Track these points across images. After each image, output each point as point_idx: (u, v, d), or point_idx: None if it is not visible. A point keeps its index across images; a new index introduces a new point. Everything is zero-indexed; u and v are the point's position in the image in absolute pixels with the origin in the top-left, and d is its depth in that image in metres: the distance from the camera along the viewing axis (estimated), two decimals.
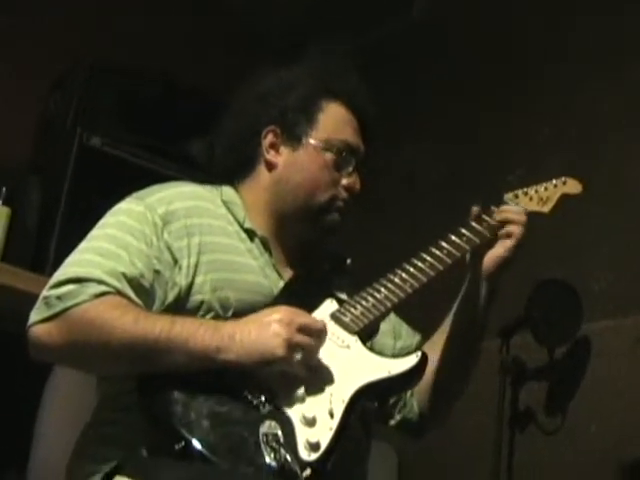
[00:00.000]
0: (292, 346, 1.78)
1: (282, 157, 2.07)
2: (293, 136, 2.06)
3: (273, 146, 2.07)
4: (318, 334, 1.83)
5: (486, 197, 2.09)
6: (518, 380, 2.86)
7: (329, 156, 2.05)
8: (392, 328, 2.14)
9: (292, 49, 2.15)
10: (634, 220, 2.84)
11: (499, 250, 2.02)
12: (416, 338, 2.20)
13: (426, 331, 2.21)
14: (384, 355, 1.93)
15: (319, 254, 2.11)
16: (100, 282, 1.83)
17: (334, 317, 1.92)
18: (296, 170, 2.05)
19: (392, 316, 2.12)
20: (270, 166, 2.08)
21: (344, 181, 2.05)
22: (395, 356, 1.99)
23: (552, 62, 3.18)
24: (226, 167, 2.12)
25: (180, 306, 1.90)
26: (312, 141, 2.05)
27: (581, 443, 2.77)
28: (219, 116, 2.15)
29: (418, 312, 2.08)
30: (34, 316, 1.85)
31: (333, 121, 2.07)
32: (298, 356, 1.80)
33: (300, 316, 1.83)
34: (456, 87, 3.46)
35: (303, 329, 1.80)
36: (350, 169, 2.06)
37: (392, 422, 2.14)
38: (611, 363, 2.78)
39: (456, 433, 2.73)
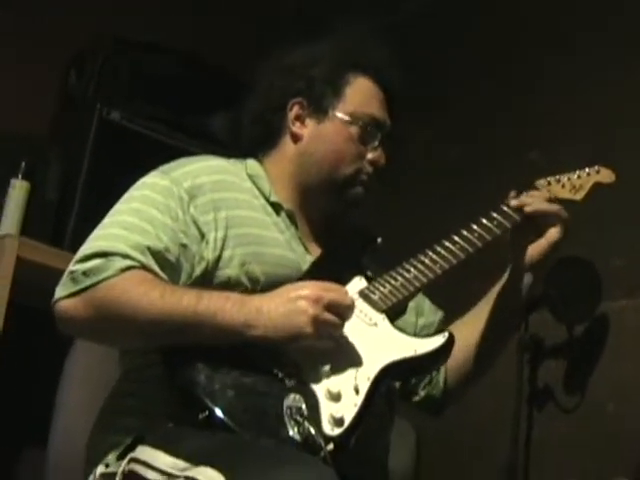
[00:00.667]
0: (319, 323, 1.78)
1: (307, 129, 2.06)
2: (319, 108, 2.05)
3: (299, 118, 2.07)
4: (346, 310, 1.82)
5: (518, 183, 2.09)
6: (536, 358, 2.84)
7: (355, 129, 2.04)
8: (415, 305, 2.13)
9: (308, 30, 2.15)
10: None
11: (543, 242, 2.02)
12: (438, 315, 2.20)
13: (448, 308, 2.21)
14: (411, 334, 1.93)
15: (344, 228, 2.10)
16: (125, 256, 1.83)
17: (362, 294, 1.91)
18: (321, 142, 2.05)
19: None
20: (295, 138, 2.07)
21: (369, 155, 2.05)
22: (418, 335, 2.00)
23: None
24: (251, 139, 2.11)
25: (207, 280, 1.89)
26: (338, 114, 2.04)
27: (599, 421, 2.76)
28: (238, 91, 2.14)
29: (440, 290, 2.08)
30: (60, 291, 1.85)
31: (360, 94, 2.06)
32: (325, 333, 1.79)
33: (328, 292, 1.81)
34: (472, 69, 3.44)
35: (331, 306, 1.79)
36: (375, 143, 2.05)
37: (416, 398, 2.15)
38: (629, 341, 2.77)
39: (475, 411, 2.72)
